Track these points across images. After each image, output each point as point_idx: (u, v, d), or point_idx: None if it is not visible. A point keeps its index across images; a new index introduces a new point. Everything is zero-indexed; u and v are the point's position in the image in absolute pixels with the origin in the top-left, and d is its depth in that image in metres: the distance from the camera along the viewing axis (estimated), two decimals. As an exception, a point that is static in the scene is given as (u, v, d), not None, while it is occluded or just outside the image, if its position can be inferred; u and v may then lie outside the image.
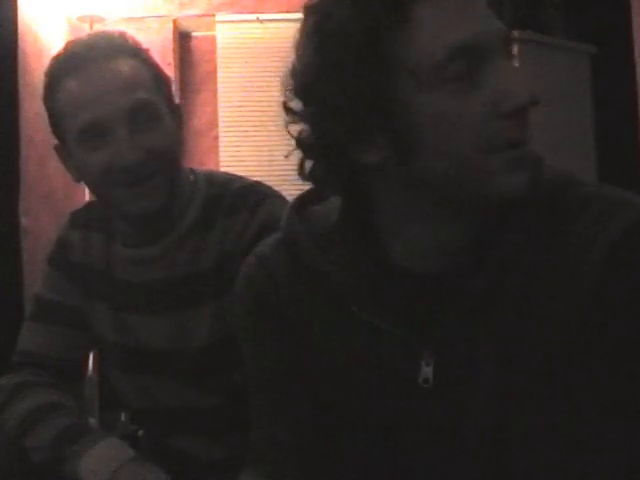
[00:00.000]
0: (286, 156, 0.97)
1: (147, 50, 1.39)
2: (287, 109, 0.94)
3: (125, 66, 1.33)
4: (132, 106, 1.31)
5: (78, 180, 1.42)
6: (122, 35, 1.38)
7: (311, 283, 0.97)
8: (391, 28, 0.85)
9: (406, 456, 0.95)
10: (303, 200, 1.03)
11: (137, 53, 1.36)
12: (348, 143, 0.89)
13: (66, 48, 1.38)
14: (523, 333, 0.90)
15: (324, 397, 0.98)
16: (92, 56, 1.32)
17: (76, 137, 1.33)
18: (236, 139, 4.26)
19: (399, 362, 0.94)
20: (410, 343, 0.93)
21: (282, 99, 0.94)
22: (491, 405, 0.90)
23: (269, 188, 1.45)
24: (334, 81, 0.87)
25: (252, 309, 1.03)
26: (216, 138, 4.26)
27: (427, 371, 0.93)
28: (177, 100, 1.44)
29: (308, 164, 0.96)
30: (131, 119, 1.31)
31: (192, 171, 1.47)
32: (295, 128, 0.94)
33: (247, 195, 1.41)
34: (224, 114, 4.27)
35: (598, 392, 0.88)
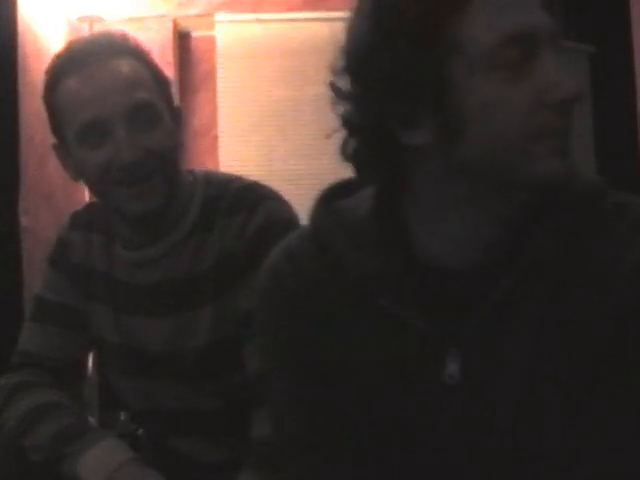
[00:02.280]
0: (328, 136, 0.98)
1: (148, 52, 1.40)
2: (334, 88, 0.95)
3: (126, 66, 1.33)
4: (132, 106, 1.31)
5: (76, 179, 1.42)
6: (123, 36, 1.38)
7: (339, 276, 0.96)
8: (450, 10, 0.86)
9: (427, 453, 0.95)
10: (331, 193, 1.02)
11: (138, 54, 1.37)
12: (395, 122, 0.90)
13: (67, 47, 1.38)
14: (552, 335, 0.90)
15: (345, 392, 0.97)
16: (93, 55, 1.33)
17: (75, 136, 1.33)
18: (236, 139, 4.26)
19: (424, 358, 0.93)
20: (437, 339, 0.92)
21: (330, 78, 0.95)
22: (516, 406, 0.90)
23: (268, 188, 1.45)
24: (389, 59, 0.87)
25: (275, 302, 1.01)
26: (215, 138, 4.26)
27: (453, 368, 0.92)
28: (176, 100, 1.45)
29: (351, 145, 0.96)
30: (131, 119, 1.31)
31: (191, 172, 1.47)
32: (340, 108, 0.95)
33: (246, 195, 1.41)
34: (223, 114, 4.27)
35: (626, 401, 0.89)
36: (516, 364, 0.91)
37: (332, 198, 1.01)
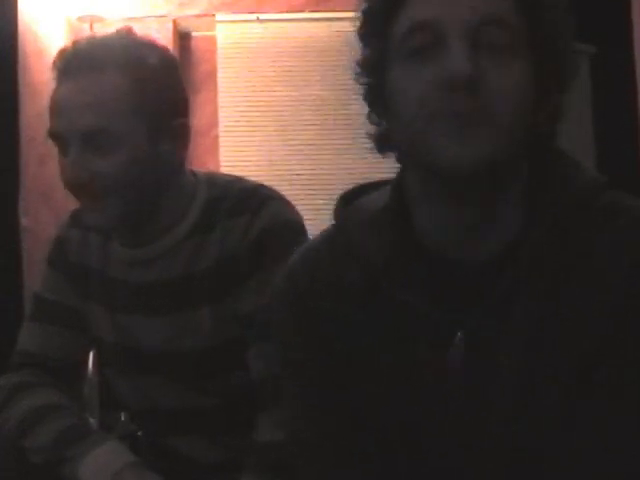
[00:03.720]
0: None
1: (152, 62, 1.34)
2: None
3: (100, 84, 1.30)
4: (84, 130, 1.30)
5: None
6: (127, 43, 1.35)
7: (351, 267, 1.00)
8: (391, 8, 0.95)
9: (431, 437, 0.97)
10: (351, 193, 1.06)
11: (129, 67, 1.32)
12: (367, 101, 1.00)
13: (73, 46, 1.36)
14: (551, 330, 0.93)
15: (354, 383, 1.00)
16: (80, 65, 1.32)
17: (50, 139, 1.36)
18: (236, 139, 4.25)
19: (431, 344, 0.96)
20: (441, 325, 0.96)
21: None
22: (516, 391, 0.93)
23: (271, 190, 1.44)
24: (361, 48, 0.99)
25: (289, 301, 1.05)
26: (216, 138, 4.26)
27: (456, 354, 0.95)
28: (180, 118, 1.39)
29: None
30: (86, 140, 1.30)
31: (193, 173, 1.46)
32: None
33: (249, 197, 1.40)
34: (224, 114, 4.27)
35: (623, 391, 0.91)
36: (516, 351, 0.93)
37: (353, 196, 1.05)
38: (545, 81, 0.94)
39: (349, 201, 1.04)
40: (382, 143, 1.00)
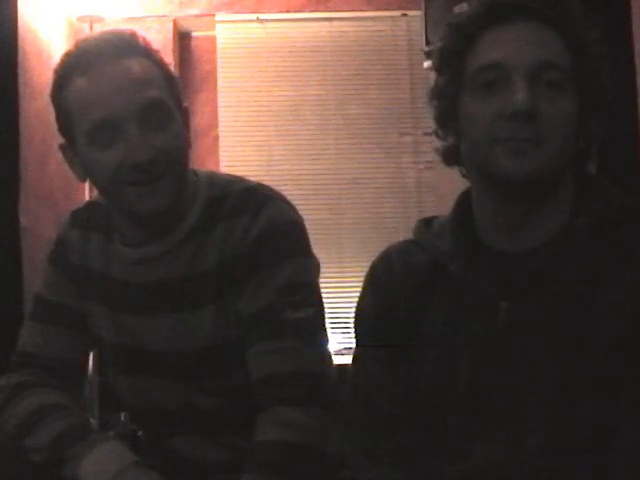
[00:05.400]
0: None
1: (157, 51, 1.39)
2: None
3: (136, 65, 1.33)
4: (144, 104, 1.31)
5: (83, 180, 1.41)
6: (133, 34, 1.38)
7: (418, 256, 1.26)
8: (464, 48, 1.18)
9: (473, 387, 1.17)
10: (429, 217, 1.31)
11: (148, 52, 1.36)
12: (437, 121, 1.24)
13: (77, 46, 1.37)
14: (581, 307, 1.13)
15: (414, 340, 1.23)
16: (103, 54, 1.32)
17: (85, 135, 1.33)
18: (236, 139, 4.26)
19: (480, 310, 1.19)
20: (490, 296, 1.18)
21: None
22: (552, 352, 1.13)
23: (271, 190, 1.44)
24: (433, 88, 1.24)
25: (367, 287, 1.30)
26: (216, 138, 4.26)
27: (503, 316, 1.17)
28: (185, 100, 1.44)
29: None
30: (143, 117, 1.31)
31: (194, 172, 1.47)
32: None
33: (250, 197, 1.40)
34: (224, 114, 4.27)
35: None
36: (547, 324, 1.14)
37: (430, 219, 1.30)
38: (586, 111, 1.17)
39: (427, 221, 1.29)
40: (449, 156, 1.24)
